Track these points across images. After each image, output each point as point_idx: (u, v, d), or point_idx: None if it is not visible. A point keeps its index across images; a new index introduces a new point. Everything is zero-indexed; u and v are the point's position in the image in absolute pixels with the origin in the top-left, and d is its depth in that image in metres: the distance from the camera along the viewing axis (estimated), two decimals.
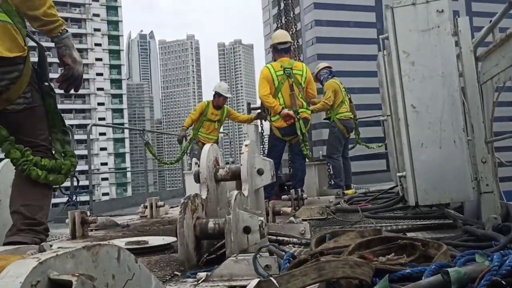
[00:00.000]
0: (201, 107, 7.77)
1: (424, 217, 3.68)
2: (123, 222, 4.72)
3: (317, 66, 7.61)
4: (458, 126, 2.87)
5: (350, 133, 7.17)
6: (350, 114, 7.04)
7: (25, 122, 2.23)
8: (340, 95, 6.99)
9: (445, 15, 2.91)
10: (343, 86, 7.20)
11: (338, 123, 6.93)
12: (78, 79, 2.29)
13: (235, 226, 2.28)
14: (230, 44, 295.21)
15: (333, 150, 6.96)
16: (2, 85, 2.06)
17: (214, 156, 2.87)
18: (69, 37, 2.30)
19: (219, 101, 7.66)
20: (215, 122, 7.76)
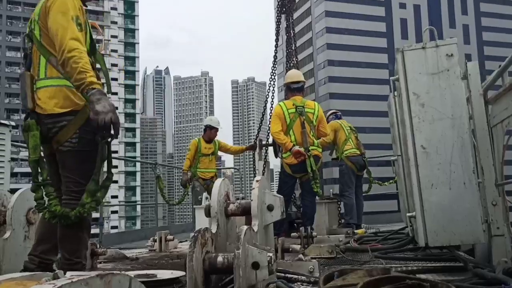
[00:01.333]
0: (194, 145, 7.89)
1: (434, 259, 3.63)
2: (132, 255, 4.73)
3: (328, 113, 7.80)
4: (468, 168, 2.88)
5: (360, 170, 7.15)
6: (356, 151, 7.09)
7: (67, 161, 2.61)
8: (342, 133, 7.11)
9: (455, 59, 2.98)
10: (349, 125, 7.33)
11: (346, 160, 7.02)
12: (106, 127, 2.43)
13: (244, 262, 2.29)
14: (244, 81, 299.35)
15: (344, 187, 6.98)
16: (53, 131, 2.59)
17: (226, 191, 2.91)
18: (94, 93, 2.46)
19: (211, 134, 7.80)
20: (209, 155, 7.85)
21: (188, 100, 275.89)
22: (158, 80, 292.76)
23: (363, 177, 7.27)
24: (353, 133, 7.24)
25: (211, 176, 7.82)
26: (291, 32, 7.86)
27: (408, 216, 3.31)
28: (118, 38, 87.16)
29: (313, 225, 5.76)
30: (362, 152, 7.19)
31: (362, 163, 7.14)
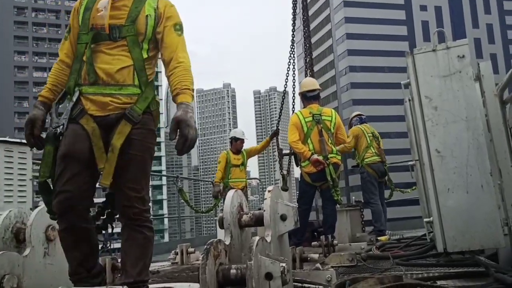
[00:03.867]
0: (224, 157, 8.03)
1: (457, 265, 3.55)
2: (154, 269, 4.77)
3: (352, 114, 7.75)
4: (485, 171, 2.82)
5: (381, 177, 7.10)
6: (377, 158, 7.02)
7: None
8: (364, 140, 7.04)
9: (466, 60, 2.93)
10: (372, 131, 7.22)
11: (367, 167, 6.98)
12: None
13: (256, 272, 2.29)
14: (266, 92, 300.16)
15: (369, 195, 6.93)
16: None
17: (238, 202, 2.91)
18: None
19: (238, 145, 7.98)
20: (240, 166, 8.01)
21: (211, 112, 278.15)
22: None
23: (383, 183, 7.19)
24: (374, 140, 7.16)
25: (243, 186, 7.97)
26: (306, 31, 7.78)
27: (426, 221, 3.25)
28: None
29: (335, 233, 5.71)
30: (383, 159, 7.13)
31: (383, 170, 7.08)
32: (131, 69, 2.43)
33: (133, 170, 2.41)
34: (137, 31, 2.45)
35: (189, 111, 2.38)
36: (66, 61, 2.54)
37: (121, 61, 2.42)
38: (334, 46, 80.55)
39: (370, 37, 76.70)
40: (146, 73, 2.49)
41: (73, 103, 2.43)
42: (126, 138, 2.39)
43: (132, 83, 2.43)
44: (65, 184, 2.32)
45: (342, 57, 78.53)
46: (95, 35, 2.43)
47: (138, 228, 2.42)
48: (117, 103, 2.41)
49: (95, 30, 2.43)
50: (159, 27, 2.51)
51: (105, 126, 2.41)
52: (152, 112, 2.54)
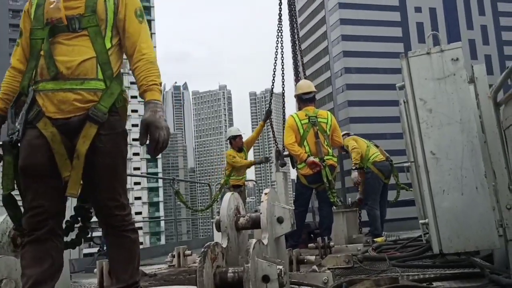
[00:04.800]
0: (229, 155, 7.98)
1: (453, 266, 3.57)
2: (151, 272, 4.77)
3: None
4: (479, 172, 2.85)
5: (387, 177, 6.96)
6: (381, 155, 6.96)
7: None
8: (362, 143, 7.07)
9: (460, 63, 2.96)
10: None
11: (373, 167, 6.82)
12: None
13: (253, 275, 2.30)
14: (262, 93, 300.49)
15: (368, 198, 6.83)
16: None
17: (235, 205, 2.93)
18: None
19: (238, 143, 7.90)
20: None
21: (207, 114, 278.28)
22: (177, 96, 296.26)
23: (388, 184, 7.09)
24: (370, 143, 7.20)
25: (243, 183, 8.01)
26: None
27: (421, 223, 3.28)
28: None
29: (331, 235, 5.73)
30: (387, 156, 7.06)
31: (389, 168, 6.96)
32: (94, 62, 2.21)
33: (108, 180, 2.23)
34: (99, 19, 2.24)
35: (158, 110, 2.21)
36: (18, 67, 2.33)
37: (82, 52, 2.20)
38: (330, 48, 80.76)
39: (365, 39, 76.96)
40: (111, 66, 2.28)
41: (27, 105, 2.22)
42: (94, 146, 2.17)
43: (95, 77, 2.20)
44: (32, 201, 2.15)
45: (338, 59, 78.74)
46: (52, 29, 2.21)
47: (123, 233, 2.30)
48: (79, 101, 2.17)
49: (51, 24, 2.21)
50: (120, 13, 2.31)
51: (67, 131, 2.18)
52: (119, 110, 2.30)
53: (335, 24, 79.63)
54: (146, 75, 2.27)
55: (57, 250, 2.22)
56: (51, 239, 2.18)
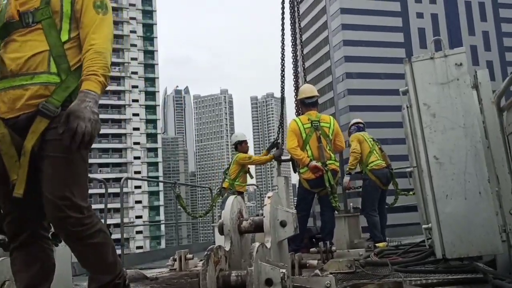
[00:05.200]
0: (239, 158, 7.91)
1: (455, 271, 3.56)
2: (152, 275, 4.77)
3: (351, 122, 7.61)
4: (482, 177, 2.85)
5: (386, 184, 6.83)
6: (382, 162, 6.75)
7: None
8: (366, 145, 6.80)
9: (464, 68, 2.97)
10: (372, 137, 7.06)
11: (370, 174, 6.69)
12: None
13: (257, 278, 2.30)
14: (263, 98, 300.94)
15: (366, 205, 6.70)
16: None
17: (238, 208, 2.92)
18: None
19: (244, 148, 7.88)
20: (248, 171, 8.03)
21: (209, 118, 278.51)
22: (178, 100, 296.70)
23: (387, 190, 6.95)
24: (376, 145, 6.96)
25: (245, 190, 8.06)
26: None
27: (424, 228, 3.27)
28: (138, 60, 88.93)
29: (333, 240, 5.72)
30: (388, 163, 6.87)
31: (388, 175, 6.81)
32: (45, 55, 2.09)
33: (57, 175, 2.02)
34: (53, 11, 2.12)
35: (87, 100, 2.00)
36: None
37: (33, 47, 2.09)
38: (331, 53, 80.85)
39: (367, 44, 77.02)
40: (68, 60, 2.13)
41: None
42: (41, 139, 2.03)
43: (46, 70, 2.08)
44: (3, 207, 2.09)
45: (339, 64, 78.79)
46: (5, 27, 2.12)
47: (83, 241, 2.07)
48: (30, 97, 2.05)
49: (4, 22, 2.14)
50: (77, 3, 2.18)
51: (18, 129, 2.04)
52: None
53: (336, 29, 79.77)
54: (88, 65, 2.08)
55: (45, 251, 2.17)
56: (35, 242, 2.13)
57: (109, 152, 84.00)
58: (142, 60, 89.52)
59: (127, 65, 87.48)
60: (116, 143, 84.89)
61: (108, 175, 75.12)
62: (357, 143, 6.81)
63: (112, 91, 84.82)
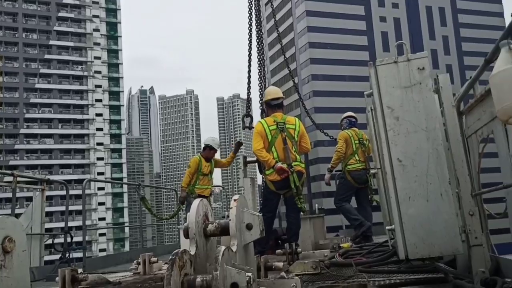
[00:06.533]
0: (195, 163, 7.98)
1: (417, 271, 3.64)
2: (115, 279, 4.64)
3: (343, 115, 7.97)
4: (444, 180, 2.91)
5: (361, 184, 7.18)
6: (360, 166, 7.12)
7: None
8: (350, 147, 7.17)
9: (426, 72, 3.03)
10: (359, 138, 7.34)
11: (347, 174, 7.12)
12: None
13: (222, 283, 2.27)
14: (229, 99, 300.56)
15: (337, 197, 7.20)
16: None
17: (204, 211, 2.89)
18: None
19: (210, 154, 7.98)
20: (208, 174, 8.02)
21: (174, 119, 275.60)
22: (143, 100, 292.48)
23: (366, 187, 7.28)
24: (360, 147, 7.27)
25: (209, 193, 8.03)
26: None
27: (388, 229, 3.33)
28: (101, 59, 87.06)
29: (299, 241, 5.75)
30: (367, 167, 7.21)
31: (365, 178, 7.15)
32: None
33: None
34: None
35: None
36: None
37: None
38: (297, 55, 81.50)
39: (332, 46, 78.10)
40: None
41: None
42: None
43: None
44: None
45: (305, 66, 79.55)
46: None
47: None
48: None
49: None
50: None
51: None
52: None
53: (302, 31, 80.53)
54: None
55: None
56: None
57: (71, 153, 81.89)
58: (105, 59, 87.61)
59: (90, 64, 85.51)
60: (79, 143, 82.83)
61: (70, 176, 73.30)
62: (343, 143, 7.19)
63: (75, 90, 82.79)
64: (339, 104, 73.75)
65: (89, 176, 75.40)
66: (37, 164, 76.52)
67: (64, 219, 7.65)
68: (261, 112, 6.59)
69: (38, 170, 71.81)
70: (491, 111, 2.82)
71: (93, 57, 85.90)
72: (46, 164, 77.74)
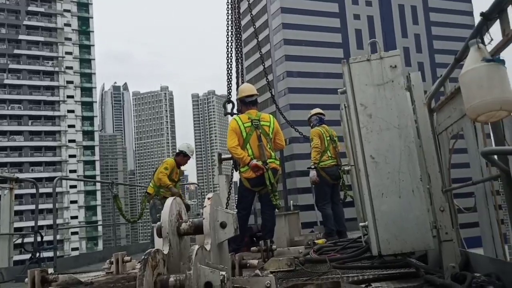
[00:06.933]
0: (172, 166, 7.87)
1: (390, 267, 3.69)
2: (87, 280, 4.56)
3: (310, 111, 8.05)
4: (415, 176, 2.95)
5: (336, 180, 7.36)
6: (332, 162, 7.30)
7: None
8: (323, 143, 7.33)
9: (398, 70, 3.06)
10: (330, 134, 7.52)
11: (321, 171, 7.25)
12: None
13: (196, 282, 2.25)
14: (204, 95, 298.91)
15: (318, 199, 7.31)
16: None
17: (177, 210, 2.86)
18: None
19: (183, 160, 7.88)
20: (177, 182, 7.95)
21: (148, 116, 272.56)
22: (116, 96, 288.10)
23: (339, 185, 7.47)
24: (331, 144, 7.45)
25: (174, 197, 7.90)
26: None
27: (361, 225, 3.36)
28: (73, 54, 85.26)
29: (274, 238, 5.76)
30: (339, 163, 7.39)
31: (337, 174, 7.34)
32: None
33: None
34: None
35: None
36: None
37: None
38: (272, 51, 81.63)
39: (307, 43, 78.52)
40: None
41: None
42: None
43: None
44: None
45: (280, 62, 79.74)
46: None
47: None
48: None
49: None
50: None
51: None
52: None
53: (277, 28, 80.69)
54: None
55: None
56: None
57: (42, 151, 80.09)
58: (77, 54, 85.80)
59: (61, 59, 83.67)
60: (50, 141, 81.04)
61: (41, 174, 71.71)
62: (318, 139, 7.34)
63: (45, 86, 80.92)
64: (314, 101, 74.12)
65: (61, 174, 73.94)
66: (6, 162, 74.54)
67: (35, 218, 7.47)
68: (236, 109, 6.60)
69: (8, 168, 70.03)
70: (461, 108, 2.87)
71: (64, 52, 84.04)
72: (16, 162, 75.88)
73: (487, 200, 3.10)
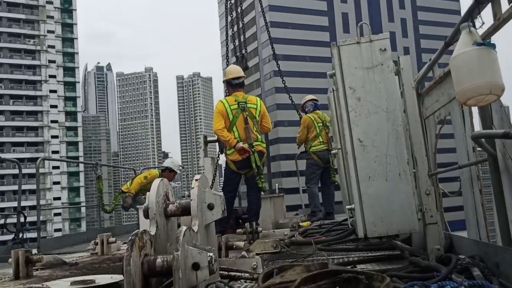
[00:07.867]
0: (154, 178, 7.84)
1: (374, 249, 3.74)
2: (72, 260, 4.54)
3: (305, 97, 8.41)
4: (402, 160, 2.97)
5: (326, 164, 7.64)
6: (323, 147, 7.58)
7: None
8: (313, 129, 7.61)
9: (388, 53, 3.05)
10: (323, 120, 7.72)
11: (313, 154, 7.59)
12: None
13: (183, 263, 2.24)
14: (189, 77, 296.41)
15: (307, 179, 7.65)
16: None
17: (164, 191, 2.84)
18: None
19: (170, 177, 7.78)
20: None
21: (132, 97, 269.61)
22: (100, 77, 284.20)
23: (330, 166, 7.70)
24: (324, 129, 7.67)
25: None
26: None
27: (348, 208, 3.38)
28: (55, 33, 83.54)
29: (259, 220, 5.79)
30: (329, 147, 7.60)
31: (327, 157, 7.59)
32: None
33: None
34: None
35: None
36: None
37: None
38: (258, 34, 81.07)
39: (293, 26, 78.14)
40: None
41: None
42: None
43: None
44: None
45: (266, 45, 79.25)
46: None
47: None
48: None
49: None
50: None
51: None
52: None
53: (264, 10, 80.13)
54: None
55: None
56: None
57: (24, 131, 78.93)
58: (60, 33, 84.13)
59: (43, 38, 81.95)
60: (32, 121, 79.83)
61: (23, 154, 70.78)
62: (303, 129, 7.69)
63: (27, 65, 79.35)
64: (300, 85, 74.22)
65: (43, 154, 73.08)
66: None
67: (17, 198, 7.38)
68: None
69: None
70: (449, 93, 2.89)
71: (46, 31, 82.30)
72: None
73: (473, 184, 3.14)
